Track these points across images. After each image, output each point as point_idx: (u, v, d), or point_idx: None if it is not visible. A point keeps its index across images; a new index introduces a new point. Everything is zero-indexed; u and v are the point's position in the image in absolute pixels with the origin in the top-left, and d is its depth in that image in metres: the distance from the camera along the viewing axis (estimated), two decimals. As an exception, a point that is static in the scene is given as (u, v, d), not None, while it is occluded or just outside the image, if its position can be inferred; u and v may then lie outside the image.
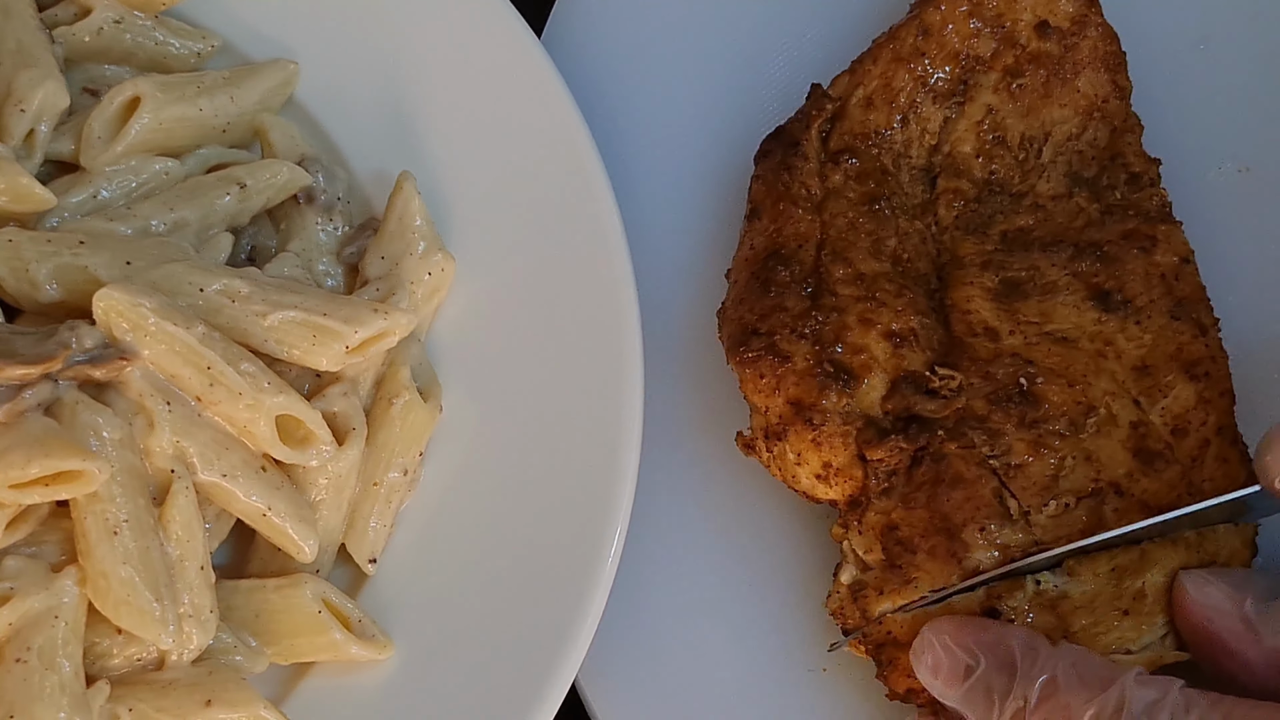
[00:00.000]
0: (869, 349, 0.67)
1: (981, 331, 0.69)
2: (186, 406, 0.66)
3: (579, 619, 0.67)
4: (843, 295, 0.69)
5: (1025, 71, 0.75)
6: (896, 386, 0.67)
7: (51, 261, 0.68)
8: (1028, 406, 0.66)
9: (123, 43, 0.78)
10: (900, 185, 0.74)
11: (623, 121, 0.83)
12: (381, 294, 0.73)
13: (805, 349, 0.67)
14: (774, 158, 0.74)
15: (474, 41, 0.79)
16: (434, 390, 0.73)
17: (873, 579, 0.65)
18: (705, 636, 0.72)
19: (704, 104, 0.83)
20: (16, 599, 0.62)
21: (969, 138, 0.75)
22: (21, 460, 0.60)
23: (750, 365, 0.68)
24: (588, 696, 0.72)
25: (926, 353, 0.68)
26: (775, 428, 0.68)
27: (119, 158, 0.73)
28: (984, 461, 0.65)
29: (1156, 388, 0.67)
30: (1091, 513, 0.64)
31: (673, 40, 0.85)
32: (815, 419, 0.66)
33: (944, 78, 0.75)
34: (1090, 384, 0.66)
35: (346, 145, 0.80)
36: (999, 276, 0.70)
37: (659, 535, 0.74)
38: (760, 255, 0.71)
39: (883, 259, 0.71)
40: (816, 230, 0.71)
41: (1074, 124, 0.75)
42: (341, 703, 0.69)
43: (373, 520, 0.71)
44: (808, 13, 0.84)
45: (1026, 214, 0.73)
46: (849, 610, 0.66)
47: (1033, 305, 0.69)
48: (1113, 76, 0.76)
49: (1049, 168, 0.74)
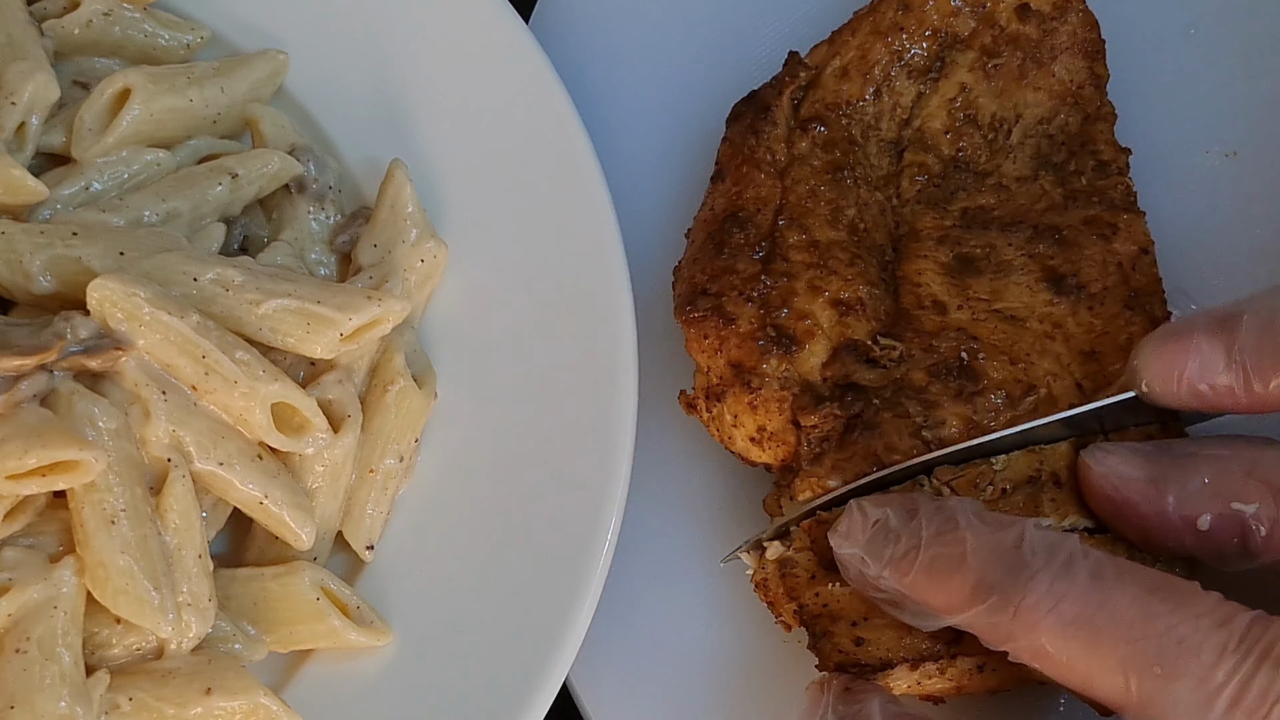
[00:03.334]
0: (814, 315, 0.67)
1: (929, 304, 0.68)
2: (182, 395, 0.67)
3: (577, 600, 0.67)
4: (794, 261, 0.69)
5: (1002, 52, 0.75)
6: (837, 354, 0.67)
7: (45, 253, 0.68)
8: (966, 380, 0.66)
9: (112, 35, 0.78)
10: (866, 156, 0.74)
11: (613, 97, 0.83)
12: (375, 281, 0.73)
13: (751, 312, 0.68)
14: (744, 121, 0.74)
15: (461, 27, 0.79)
16: (428, 377, 0.74)
17: (803, 560, 0.65)
18: (694, 616, 0.73)
19: (692, 77, 0.83)
20: (15, 589, 0.62)
21: (940, 114, 0.75)
22: (18, 451, 0.61)
23: (695, 324, 0.69)
24: (578, 691, 0.72)
25: (872, 323, 0.68)
26: (715, 388, 0.68)
27: (110, 149, 0.73)
28: (917, 432, 0.64)
29: (1102, 374, 0.66)
30: (1028, 500, 0.64)
31: (661, 16, 0.85)
32: (754, 382, 0.67)
33: (920, 53, 0.76)
34: (1033, 363, 0.66)
35: (337, 134, 0.80)
36: (954, 252, 0.70)
37: (648, 510, 0.75)
38: (719, 216, 0.72)
39: (839, 228, 0.71)
40: (777, 195, 0.71)
41: (1046, 108, 0.75)
42: (340, 689, 0.69)
43: (369, 507, 0.71)
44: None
45: (989, 193, 0.73)
46: (774, 587, 0.65)
47: (984, 282, 0.69)
48: (1090, 64, 0.75)
49: (1016, 149, 0.74)
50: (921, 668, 0.63)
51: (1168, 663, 0.53)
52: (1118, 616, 0.54)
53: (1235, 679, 0.52)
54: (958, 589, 0.57)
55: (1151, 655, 0.53)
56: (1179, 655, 0.52)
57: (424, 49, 0.80)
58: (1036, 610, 0.55)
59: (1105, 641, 0.54)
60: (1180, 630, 0.53)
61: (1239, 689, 0.51)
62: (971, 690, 0.65)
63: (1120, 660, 0.53)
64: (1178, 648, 0.53)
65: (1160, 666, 0.53)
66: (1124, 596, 0.54)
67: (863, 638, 0.63)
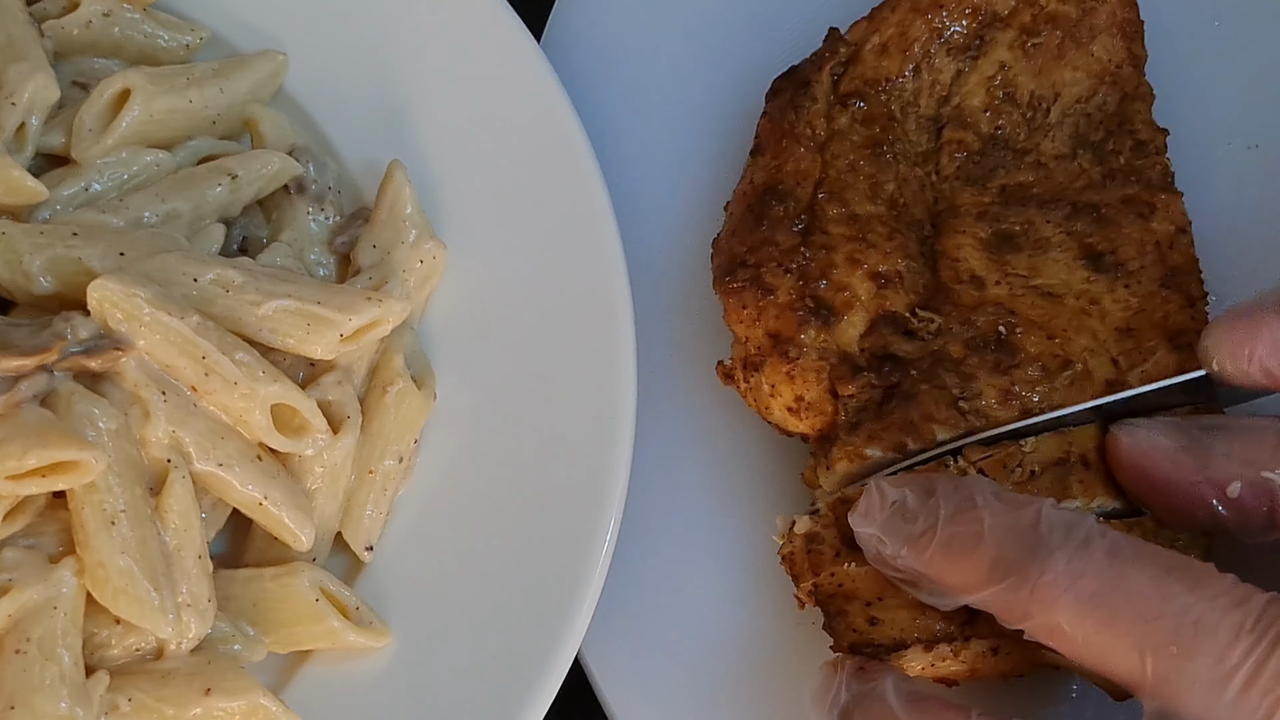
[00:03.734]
0: (852, 287, 0.68)
1: (968, 279, 0.69)
2: (182, 396, 0.67)
3: (576, 600, 0.67)
4: (833, 234, 0.69)
5: (1041, 31, 0.75)
6: (875, 325, 0.67)
7: (45, 254, 0.68)
8: (1003, 354, 0.66)
9: (112, 36, 0.78)
10: (905, 133, 0.74)
11: (630, 75, 0.83)
12: (374, 282, 0.73)
13: (790, 283, 0.68)
14: (783, 96, 0.74)
15: (460, 27, 0.79)
16: (428, 377, 0.74)
17: (829, 536, 0.65)
18: (706, 594, 0.73)
19: (725, 55, 0.84)
20: (15, 590, 0.62)
21: (979, 92, 0.75)
22: (18, 451, 0.61)
23: (734, 295, 0.69)
24: (589, 664, 0.72)
25: (910, 295, 0.68)
26: (753, 358, 0.69)
27: (110, 150, 0.73)
28: (954, 404, 0.65)
29: (1138, 350, 0.67)
30: (1056, 481, 0.64)
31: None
32: (791, 352, 0.67)
33: (960, 31, 0.76)
34: (1070, 339, 0.67)
35: (336, 135, 0.80)
36: (992, 228, 0.71)
37: (656, 486, 0.75)
38: (759, 189, 0.72)
39: (878, 202, 0.71)
40: (816, 169, 0.72)
41: (1084, 87, 0.75)
42: (340, 690, 0.69)
43: (369, 508, 0.71)
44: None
45: (1028, 170, 0.73)
46: (799, 560, 0.65)
47: (1023, 259, 0.69)
48: (1128, 44, 0.76)
49: (1055, 128, 0.74)
50: (935, 649, 0.63)
51: (1184, 642, 0.53)
52: (1134, 595, 0.54)
53: (1251, 659, 0.52)
54: (975, 567, 0.57)
55: (1168, 634, 0.53)
56: (1195, 635, 0.53)
57: (423, 49, 0.80)
58: (1054, 588, 0.55)
59: (1122, 620, 0.54)
60: (1196, 610, 0.53)
61: (1254, 669, 0.52)
62: (985, 674, 0.65)
63: (1136, 639, 0.54)
64: (1194, 627, 0.53)
65: (1176, 646, 0.53)
66: (1141, 575, 0.54)
67: (877, 618, 0.63)
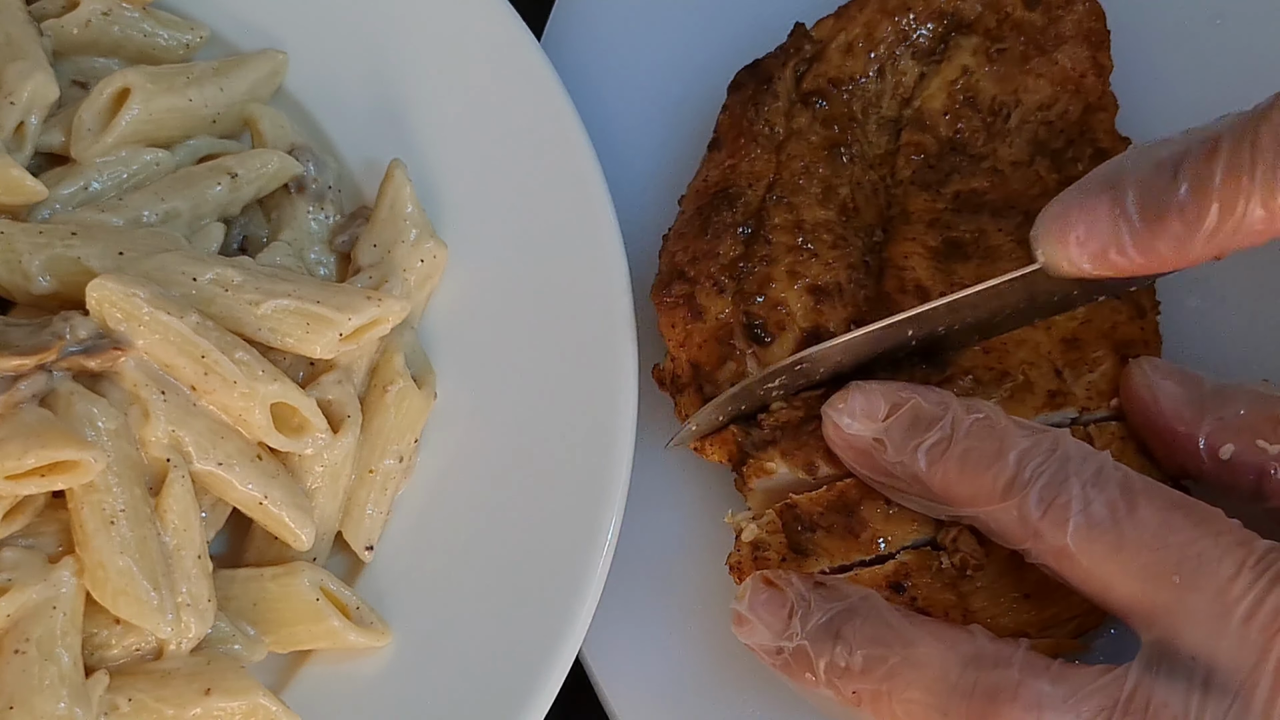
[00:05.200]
0: (788, 303, 0.68)
1: (912, 288, 0.68)
2: (181, 396, 0.67)
3: (577, 600, 0.67)
4: (776, 243, 0.69)
5: (1006, 38, 0.75)
6: (805, 344, 0.67)
7: (44, 253, 0.68)
8: (932, 370, 0.66)
9: (111, 35, 0.78)
10: (865, 134, 0.74)
11: (631, 74, 0.83)
12: (374, 281, 0.73)
13: (722, 305, 0.68)
14: (745, 91, 0.74)
15: (459, 26, 0.79)
16: (428, 377, 0.74)
17: (775, 543, 0.65)
18: (706, 594, 0.72)
19: (699, 40, 0.84)
20: (14, 590, 0.62)
21: (940, 95, 0.75)
22: (18, 451, 0.60)
23: (666, 310, 0.70)
24: (589, 664, 0.71)
25: (849, 309, 0.68)
26: (678, 380, 0.70)
27: (109, 149, 0.73)
28: None
29: (1083, 361, 0.67)
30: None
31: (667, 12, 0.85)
32: (706, 389, 0.68)
33: (926, 34, 0.76)
34: (1009, 352, 0.67)
35: (336, 134, 0.80)
36: (942, 236, 0.70)
37: (657, 486, 0.75)
38: (711, 189, 0.72)
39: (829, 207, 0.71)
40: (770, 170, 0.72)
41: (1047, 94, 0.75)
42: (341, 690, 0.69)
43: (369, 507, 0.71)
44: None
45: (983, 176, 0.73)
46: (747, 569, 0.65)
47: (971, 268, 0.69)
48: (1094, 53, 0.75)
49: (1014, 134, 0.74)
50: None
51: (1187, 573, 0.54)
52: (1142, 525, 0.55)
53: (1251, 594, 0.53)
54: (989, 483, 0.58)
55: (1171, 565, 0.54)
56: (1199, 567, 0.54)
57: (423, 48, 0.80)
58: (1066, 510, 0.56)
59: (1128, 548, 0.55)
60: (1201, 544, 0.54)
61: (1254, 604, 0.52)
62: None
63: (1141, 567, 0.55)
64: (1198, 560, 0.54)
65: (1180, 576, 0.54)
66: (1150, 508, 0.56)
67: None
